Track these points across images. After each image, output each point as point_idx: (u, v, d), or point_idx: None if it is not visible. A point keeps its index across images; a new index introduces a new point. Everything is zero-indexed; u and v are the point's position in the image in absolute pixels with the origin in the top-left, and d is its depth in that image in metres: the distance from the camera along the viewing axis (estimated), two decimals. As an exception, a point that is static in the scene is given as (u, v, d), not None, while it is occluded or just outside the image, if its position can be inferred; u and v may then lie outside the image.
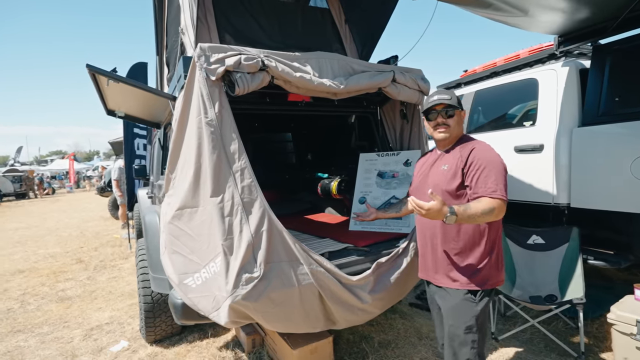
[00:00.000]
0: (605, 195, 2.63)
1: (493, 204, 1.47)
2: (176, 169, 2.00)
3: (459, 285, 1.63)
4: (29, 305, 3.87)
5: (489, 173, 1.53)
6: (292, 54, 1.98)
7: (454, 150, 1.70)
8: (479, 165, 1.56)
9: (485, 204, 1.48)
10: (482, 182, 1.53)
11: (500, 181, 1.52)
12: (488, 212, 1.47)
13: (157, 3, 3.17)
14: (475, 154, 1.60)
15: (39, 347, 2.93)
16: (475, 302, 1.61)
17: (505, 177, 1.56)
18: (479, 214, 1.46)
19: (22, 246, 6.95)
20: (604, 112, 2.72)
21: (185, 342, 2.87)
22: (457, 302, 1.63)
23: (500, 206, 1.49)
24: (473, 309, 1.60)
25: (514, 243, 3.02)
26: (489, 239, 1.62)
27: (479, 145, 1.64)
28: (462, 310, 1.61)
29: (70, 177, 24.06)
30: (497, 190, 1.50)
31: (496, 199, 1.49)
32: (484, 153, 1.59)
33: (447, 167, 1.66)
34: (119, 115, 3.26)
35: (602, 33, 2.79)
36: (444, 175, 1.66)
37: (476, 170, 1.56)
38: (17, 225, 9.77)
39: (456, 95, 1.74)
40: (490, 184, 1.51)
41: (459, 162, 1.62)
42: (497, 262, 1.65)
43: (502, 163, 1.58)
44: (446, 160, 1.70)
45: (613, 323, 2.13)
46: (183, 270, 1.84)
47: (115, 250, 6.20)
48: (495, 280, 1.64)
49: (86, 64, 1.91)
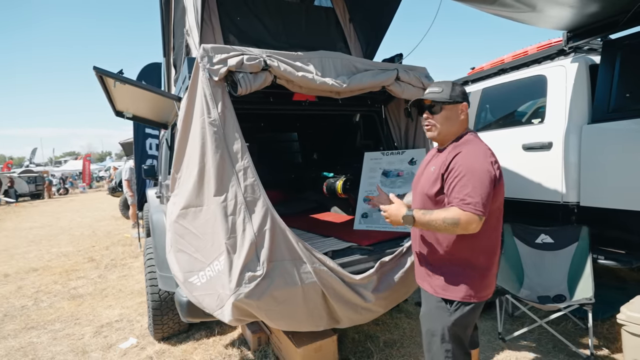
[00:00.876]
0: (616, 194, 2.58)
1: (459, 215, 1.36)
2: (181, 168, 2.03)
3: (433, 292, 1.57)
4: (42, 302, 3.96)
5: (467, 182, 1.39)
6: (295, 54, 1.99)
7: (446, 150, 1.56)
8: (458, 172, 1.42)
9: (450, 213, 1.38)
10: (457, 191, 1.40)
11: (477, 193, 1.36)
12: (451, 222, 1.36)
13: (163, 5, 3.22)
14: (457, 160, 1.45)
15: (51, 344, 3.01)
16: (449, 312, 1.52)
17: (488, 188, 1.38)
18: (439, 221, 1.38)
19: (36, 245, 7.13)
20: (614, 109, 2.66)
21: (192, 339, 2.91)
22: (430, 308, 1.59)
23: (469, 219, 1.35)
24: (446, 318, 1.52)
25: (522, 242, 2.98)
26: (473, 250, 1.50)
27: (467, 150, 1.48)
28: (435, 317, 1.56)
29: (84, 178, 24.54)
30: (470, 202, 1.35)
31: (466, 211, 1.35)
32: (467, 159, 1.43)
33: (433, 169, 1.56)
34: (127, 116, 3.32)
35: (613, 28, 2.74)
36: (428, 179, 1.57)
37: (454, 178, 1.43)
38: (31, 224, 10.01)
39: (453, 88, 1.55)
40: (464, 194, 1.38)
41: (442, 166, 1.50)
42: (482, 277, 1.52)
43: (485, 172, 1.39)
44: (436, 160, 1.59)
45: (623, 324, 2.08)
46: (188, 268, 1.87)
47: (125, 249, 6.31)
48: (478, 294, 1.51)
49: (93, 67, 1.95)
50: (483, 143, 1.54)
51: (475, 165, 1.41)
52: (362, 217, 2.75)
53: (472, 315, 1.54)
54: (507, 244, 2.98)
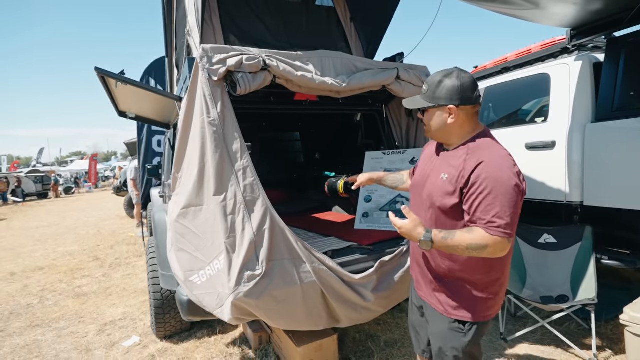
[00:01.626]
0: (620, 193, 2.55)
1: (486, 241, 1.19)
2: (182, 168, 2.04)
3: (446, 313, 1.40)
4: (47, 301, 4.01)
5: (494, 201, 1.19)
6: (295, 53, 1.99)
7: (458, 155, 1.33)
8: (483, 188, 1.21)
9: (475, 237, 1.20)
10: (483, 211, 1.21)
11: (507, 213, 1.18)
12: (476, 248, 1.20)
13: (166, 5, 3.24)
14: (480, 172, 1.22)
15: (55, 341, 3.04)
16: (464, 333, 1.37)
17: (517, 206, 1.20)
18: (463, 247, 1.21)
19: (43, 244, 7.21)
20: (618, 107, 2.63)
21: (194, 338, 2.93)
22: (443, 330, 1.41)
23: (498, 244, 1.19)
24: (460, 339, 1.37)
25: (524, 242, 2.96)
26: (490, 268, 1.32)
27: (489, 158, 1.24)
28: (449, 339, 1.40)
29: (90, 178, 24.77)
30: (499, 225, 1.18)
31: (494, 235, 1.18)
32: (493, 172, 1.21)
33: (446, 178, 1.32)
34: (130, 116, 3.34)
35: (617, 25, 2.70)
36: (440, 189, 1.34)
37: (478, 195, 1.22)
38: (38, 224, 10.12)
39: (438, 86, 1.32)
40: (492, 214, 1.19)
41: (460, 178, 1.27)
42: (496, 293, 1.38)
43: (515, 187, 1.19)
44: (448, 165, 1.35)
45: (626, 324, 2.06)
46: (189, 267, 1.88)
47: (130, 248, 6.36)
48: (492, 310, 1.39)
49: (95, 67, 1.97)
50: (502, 147, 1.31)
51: (503, 179, 1.20)
52: (363, 216, 2.75)
53: (486, 328, 1.44)
54: (509, 243, 2.96)
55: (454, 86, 1.30)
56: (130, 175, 7.68)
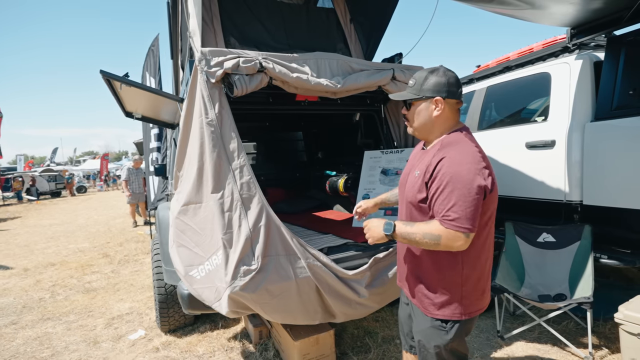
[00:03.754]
0: (619, 192, 2.55)
1: (440, 232, 1.22)
2: (183, 167, 2.12)
3: (427, 312, 1.42)
4: (58, 295, 4.15)
5: (450, 195, 1.22)
6: (291, 55, 2.04)
7: (431, 151, 1.38)
8: (441, 182, 1.24)
9: (431, 228, 1.25)
10: (440, 204, 1.25)
11: (461, 207, 1.20)
12: (431, 238, 1.24)
13: (171, 8, 3.32)
14: (441, 167, 1.26)
15: (65, 334, 3.16)
16: (446, 331, 1.38)
17: (476, 201, 1.21)
18: (420, 235, 1.26)
19: (55, 241, 7.42)
20: (617, 106, 2.62)
21: (197, 332, 3.01)
22: (425, 327, 1.43)
23: (452, 237, 1.21)
24: (443, 337, 1.38)
25: (523, 241, 2.97)
26: (464, 264, 1.34)
27: (453, 154, 1.27)
28: (432, 336, 1.41)
29: (102, 177, 25.28)
30: (453, 218, 1.20)
31: (448, 228, 1.21)
32: (452, 166, 1.24)
33: (417, 174, 1.38)
34: (136, 117, 3.44)
35: (617, 24, 2.69)
36: (412, 184, 1.40)
37: (437, 188, 1.26)
38: (51, 221, 10.40)
39: (425, 79, 1.37)
40: (447, 208, 1.22)
41: (427, 173, 1.31)
42: (476, 290, 1.39)
43: (473, 182, 1.20)
44: (421, 163, 1.40)
45: (620, 323, 2.07)
46: (188, 262, 1.95)
47: (138, 245, 6.51)
48: (474, 308, 1.39)
49: (100, 70, 2.05)
50: (473, 144, 1.33)
51: (462, 174, 1.22)
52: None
53: (470, 325, 1.44)
54: (508, 242, 2.98)
55: (440, 80, 1.36)
56: (122, 176, 7.96)
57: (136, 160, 8.22)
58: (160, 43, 6.41)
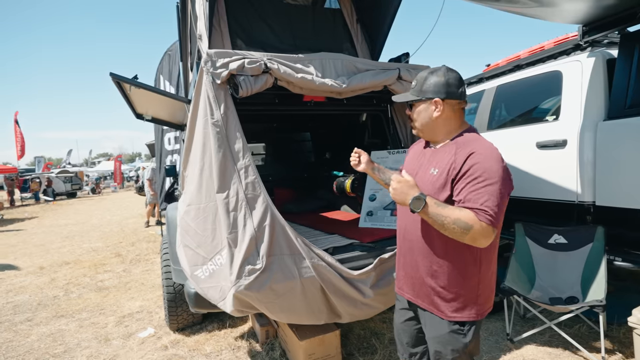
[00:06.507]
0: (633, 193, 2.47)
1: (473, 222, 1.16)
2: (188, 167, 2.15)
3: (443, 316, 1.36)
4: (71, 293, 4.25)
5: (485, 189, 1.19)
6: (296, 56, 2.05)
7: (448, 148, 1.34)
8: (476, 175, 1.21)
9: (464, 215, 1.17)
10: (473, 198, 1.20)
11: (495, 202, 1.17)
12: (461, 225, 1.16)
13: (180, 11, 3.37)
14: (473, 161, 1.23)
15: (77, 331, 3.23)
16: (464, 334, 1.35)
17: (505, 199, 1.21)
18: (451, 220, 1.17)
19: (70, 240, 7.60)
20: (631, 104, 2.55)
21: (205, 331, 3.04)
22: (442, 333, 1.38)
23: (484, 231, 1.16)
24: (461, 341, 1.35)
25: (534, 242, 2.91)
26: (482, 262, 1.32)
27: (480, 150, 1.25)
28: (449, 342, 1.37)
29: (116, 178, 25.79)
30: (489, 212, 1.16)
31: (482, 221, 1.16)
32: (485, 162, 1.21)
33: (436, 173, 1.33)
34: (146, 118, 3.51)
35: (631, 20, 2.61)
36: (430, 183, 1.33)
37: (469, 182, 1.22)
38: (67, 221, 10.66)
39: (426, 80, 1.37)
40: (481, 202, 1.18)
41: (452, 170, 1.27)
42: (490, 289, 1.38)
43: (505, 180, 1.21)
44: (437, 160, 1.36)
45: (635, 327, 2.01)
46: (193, 262, 1.98)
47: (150, 245, 6.62)
48: (487, 307, 1.39)
49: (110, 73, 2.10)
50: (489, 142, 1.33)
51: (494, 170, 1.20)
52: (367, 215, 2.79)
53: (481, 324, 1.44)
54: (519, 244, 2.92)
55: (439, 81, 1.35)
56: (146, 176, 8.07)
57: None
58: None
